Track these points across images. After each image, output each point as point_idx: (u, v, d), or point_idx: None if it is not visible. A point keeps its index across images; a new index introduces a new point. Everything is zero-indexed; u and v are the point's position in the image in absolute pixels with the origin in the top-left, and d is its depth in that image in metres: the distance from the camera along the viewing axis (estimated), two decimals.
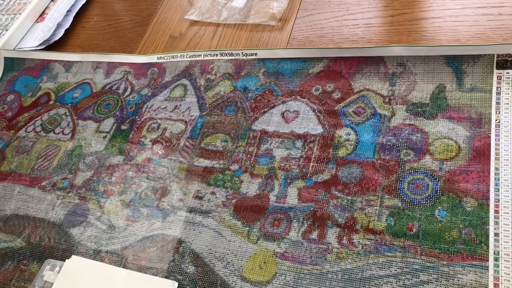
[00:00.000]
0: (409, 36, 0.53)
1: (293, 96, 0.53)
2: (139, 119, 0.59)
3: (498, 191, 0.41)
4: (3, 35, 0.74)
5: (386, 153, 0.46)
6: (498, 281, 0.37)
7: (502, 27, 0.50)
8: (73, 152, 0.59)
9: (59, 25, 0.74)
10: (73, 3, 0.77)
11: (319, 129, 0.50)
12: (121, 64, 0.66)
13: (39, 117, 0.64)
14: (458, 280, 0.38)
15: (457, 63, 0.48)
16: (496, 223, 0.39)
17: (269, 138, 0.51)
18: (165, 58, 0.63)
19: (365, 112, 0.49)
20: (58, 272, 0.48)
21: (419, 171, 0.44)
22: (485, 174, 0.42)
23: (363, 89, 0.51)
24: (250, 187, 0.49)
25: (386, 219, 0.42)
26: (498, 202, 0.40)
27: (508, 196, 0.40)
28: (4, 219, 0.55)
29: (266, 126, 0.52)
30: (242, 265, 0.44)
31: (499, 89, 0.46)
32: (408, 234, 0.41)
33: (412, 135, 0.46)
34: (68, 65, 0.69)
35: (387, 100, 0.49)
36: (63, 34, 0.73)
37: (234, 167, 0.50)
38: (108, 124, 0.60)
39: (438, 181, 0.43)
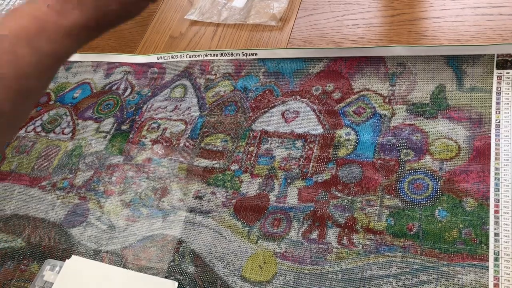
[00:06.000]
0: (409, 36, 0.53)
1: (293, 96, 0.53)
2: (139, 119, 0.59)
3: (498, 191, 0.41)
4: None
5: (386, 153, 0.46)
6: (498, 281, 0.37)
7: (502, 27, 0.50)
8: (73, 152, 0.59)
9: None
10: None
11: (319, 129, 0.50)
12: (121, 64, 0.66)
13: (39, 117, 0.64)
14: (458, 280, 0.38)
15: (457, 63, 0.48)
16: (496, 223, 0.39)
17: (269, 138, 0.51)
18: (165, 58, 0.63)
19: (365, 112, 0.49)
20: (58, 272, 0.48)
21: (419, 171, 0.44)
22: (485, 174, 0.42)
23: (363, 89, 0.51)
24: (250, 187, 0.49)
25: (386, 219, 0.42)
26: (498, 202, 0.40)
27: (508, 196, 0.40)
28: (4, 219, 0.55)
29: (266, 126, 0.52)
30: (242, 265, 0.44)
31: (499, 89, 0.46)
32: (408, 234, 0.41)
33: (412, 135, 0.46)
34: (68, 65, 0.69)
35: (387, 100, 0.49)
36: None
37: (234, 167, 0.50)
38: (108, 124, 0.60)
39: (438, 181, 0.43)
